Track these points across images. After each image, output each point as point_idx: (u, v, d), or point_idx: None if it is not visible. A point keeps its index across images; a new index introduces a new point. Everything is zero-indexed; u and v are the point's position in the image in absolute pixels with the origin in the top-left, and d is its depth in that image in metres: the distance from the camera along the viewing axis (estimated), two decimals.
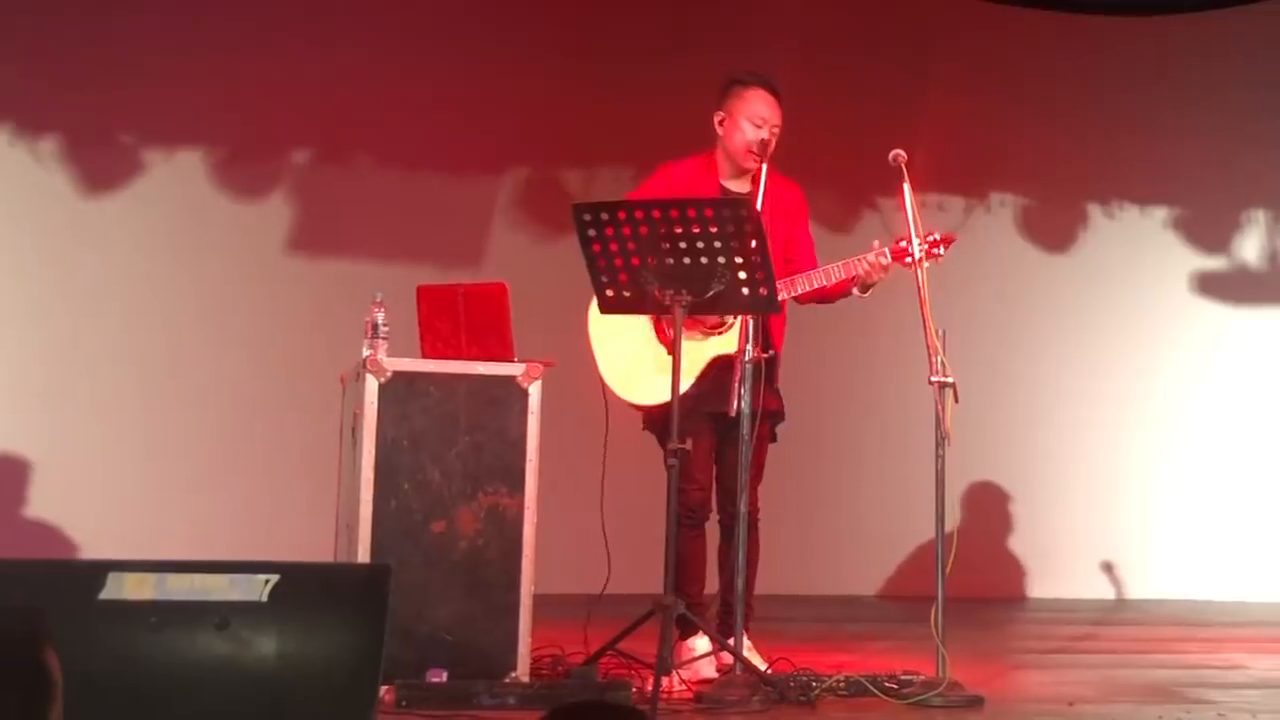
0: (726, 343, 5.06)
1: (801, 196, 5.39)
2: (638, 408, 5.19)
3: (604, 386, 5.18)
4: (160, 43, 7.73)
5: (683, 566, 5.16)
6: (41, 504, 7.51)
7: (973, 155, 8.40)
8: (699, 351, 5.14)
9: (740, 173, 5.27)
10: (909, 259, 4.99)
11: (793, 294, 5.15)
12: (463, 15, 8.07)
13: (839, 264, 5.13)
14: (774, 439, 5.36)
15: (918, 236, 4.97)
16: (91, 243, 7.69)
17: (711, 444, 5.18)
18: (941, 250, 5.08)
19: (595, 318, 5.16)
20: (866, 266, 5.08)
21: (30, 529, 7.43)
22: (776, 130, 5.24)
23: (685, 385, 5.03)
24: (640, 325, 5.18)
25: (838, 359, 7.73)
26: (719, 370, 5.04)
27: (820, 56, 8.17)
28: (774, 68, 6.17)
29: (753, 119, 5.24)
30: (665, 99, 7.77)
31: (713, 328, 5.13)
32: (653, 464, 4.88)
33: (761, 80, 5.31)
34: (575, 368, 5.15)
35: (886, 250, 5.06)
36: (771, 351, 5.07)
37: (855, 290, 5.22)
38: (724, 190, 5.24)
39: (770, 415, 5.26)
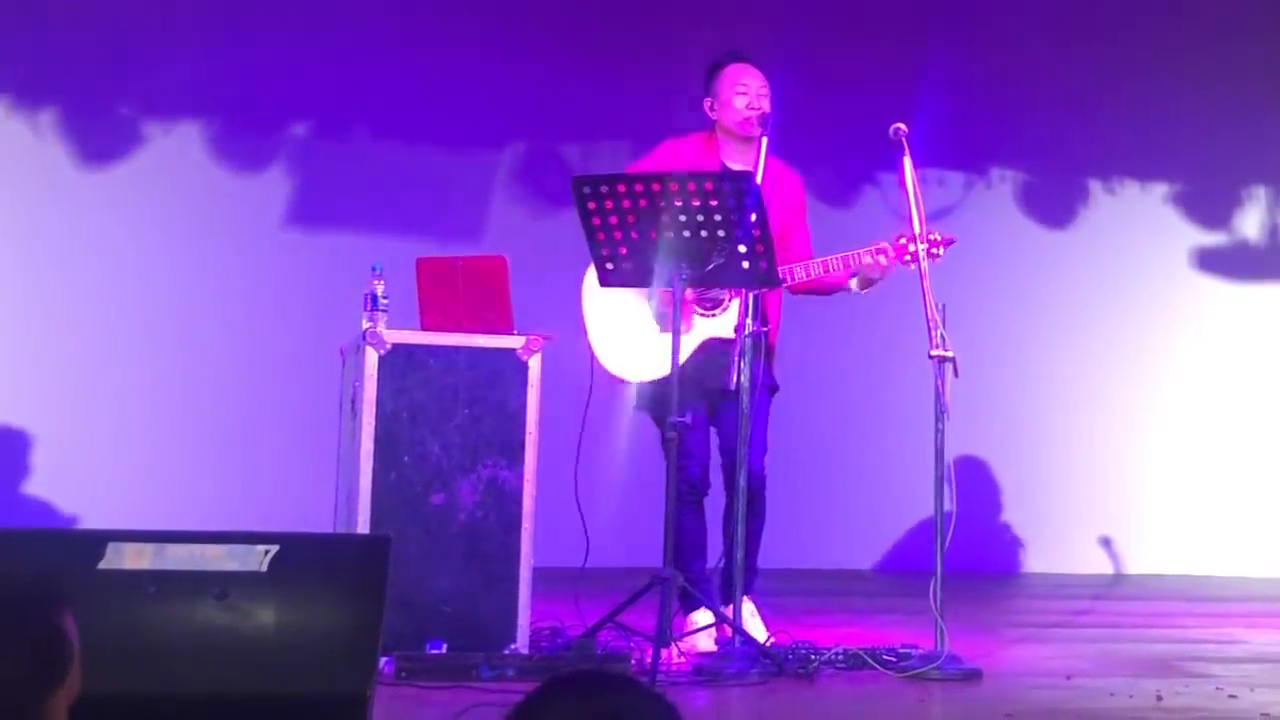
0: (721, 325, 5.06)
1: (801, 186, 5.39)
2: (629, 383, 5.17)
3: (593, 360, 5.19)
4: (159, 15, 7.71)
5: (682, 542, 5.17)
6: (41, 475, 7.51)
7: (973, 130, 8.39)
8: (694, 331, 5.14)
9: (742, 150, 5.25)
10: (908, 257, 4.98)
11: (789, 283, 5.13)
12: None
13: (838, 256, 5.09)
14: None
15: (919, 212, 4.96)
16: (90, 215, 7.68)
17: (707, 419, 5.18)
18: (941, 251, 5.05)
19: (589, 293, 5.16)
20: (868, 261, 5.05)
21: (29, 500, 7.44)
22: (764, 92, 5.25)
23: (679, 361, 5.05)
24: (633, 301, 5.17)
25: (837, 333, 7.72)
26: (710, 349, 5.05)
27: (821, 31, 8.15)
28: (774, 42, 6.18)
29: (735, 89, 5.27)
30: (665, 73, 7.76)
31: (709, 309, 5.13)
32: (641, 439, 4.87)
33: (734, 55, 5.37)
34: (574, 341, 5.15)
35: (890, 248, 5.03)
36: (767, 326, 5.07)
37: (853, 285, 5.19)
38: (725, 168, 5.24)
39: (769, 389, 5.28)
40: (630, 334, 5.15)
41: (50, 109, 7.69)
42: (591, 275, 4.97)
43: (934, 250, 5.03)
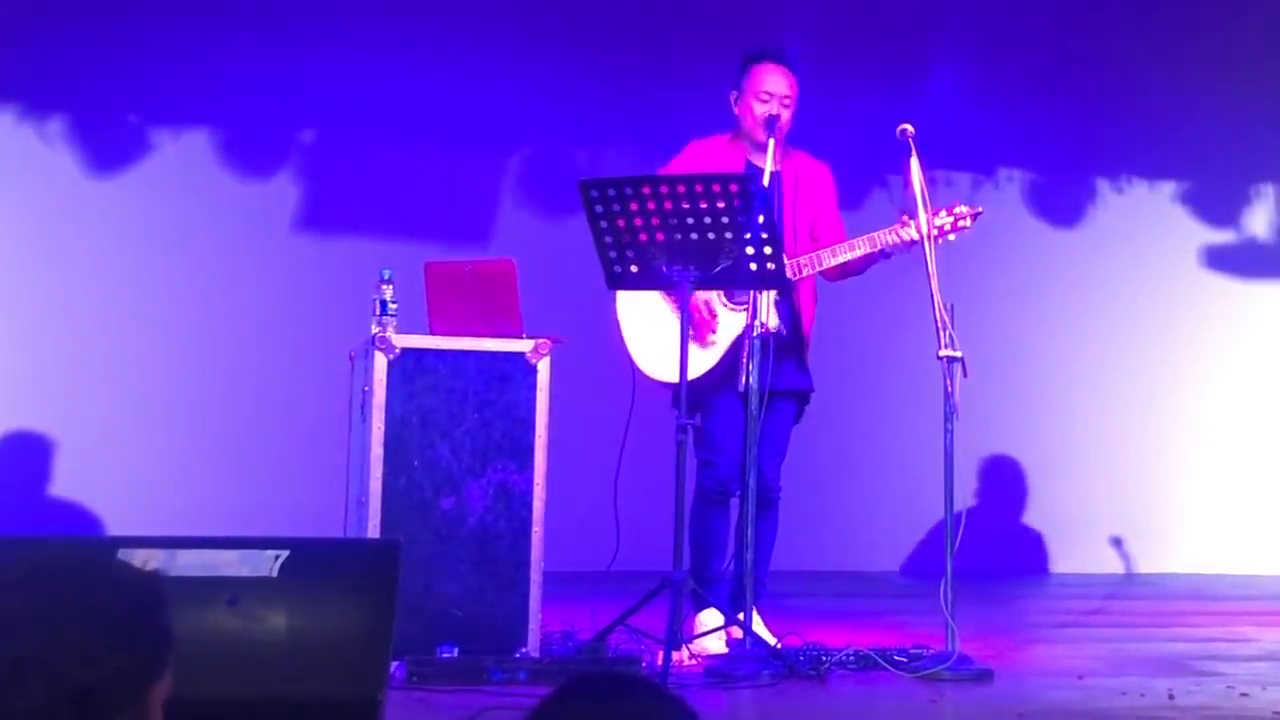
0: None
1: (830, 177, 5.41)
2: (665, 384, 5.16)
3: (631, 362, 5.19)
4: (166, 22, 7.72)
5: (706, 541, 5.19)
6: (51, 482, 7.52)
7: (980, 130, 8.38)
8: (728, 326, 5.14)
9: (764, 148, 5.23)
10: (935, 233, 5.02)
11: (817, 269, 5.15)
12: None
13: (864, 238, 5.14)
14: (797, 419, 5.38)
15: (926, 210, 4.99)
16: (99, 223, 7.69)
17: (741, 419, 5.16)
18: (969, 223, 5.12)
19: (623, 295, 5.16)
20: (896, 240, 5.09)
21: (39, 507, 7.45)
22: (788, 101, 5.25)
23: (715, 359, 5.08)
24: (665, 302, 5.17)
25: (851, 334, 7.71)
26: (741, 346, 5.06)
27: (827, 32, 8.15)
28: (781, 42, 6.17)
29: (759, 95, 5.26)
30: (673, 77, 7.77)
31: (741, 301, 5.12)
32: (667, 440, 4.86)
33: (768, 54, 5.34)
34: (584, 344, 5.15)
35: (914, 225, 5.05)
36: (779, 325, 5.07)
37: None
38: (750, 165, 5.23)
39: (797, 395, 5.28)
40: (664, 335, 5.13)
41: (59, 117, 7.71)
42: None
43: (961, 223, 5.09)
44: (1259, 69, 8.64)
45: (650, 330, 5.20)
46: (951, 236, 5.14)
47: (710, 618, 5.11)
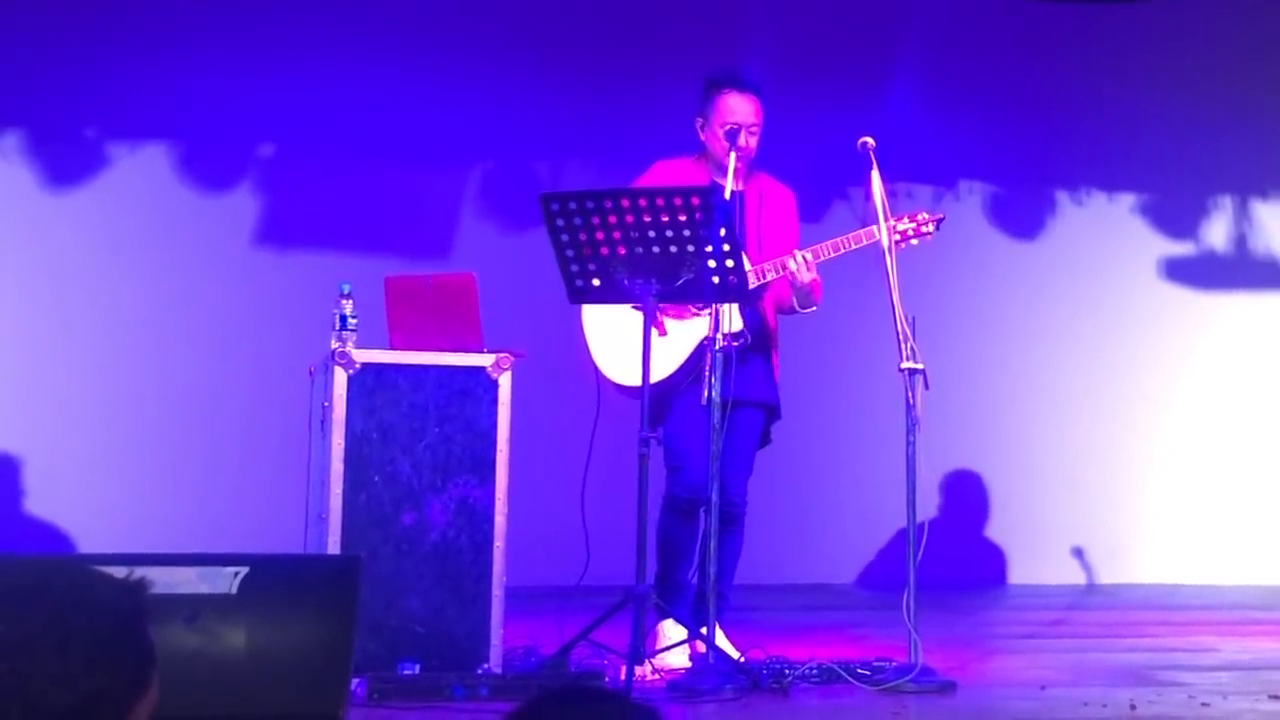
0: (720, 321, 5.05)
1: (793, 201, 5.40)
2: (629, 389, 5.13)
3: (597, 372, 5.18)
4: (123, 36, 7.68)
5: (673, 548, 5.18)
6: (8, 499, 7.45)
7: (941, 143, 8.40)
8: (688, 331, 5.13)
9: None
10: (898, 237, 5.04)
11: (781, 273, 5.16)
12: (430, 5, 8.05)
13: (827, 243, 5.15)
14: (766, 442, 5.37)
15: (887, 222, 5.00)
16: (57, 238, 7.64)
17: (706, 428, 5.12)
18: (932, 228, 5.15)
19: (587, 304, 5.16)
20: (859, 244, 5.11)
21: (4, 525, 7.39)
22: (755, 130, 5.24)
23: (680, 359, 5.08)
24: (629, 309, 5.15)
25: (812, 346, 7.71)
26: (705, 352, 5.04)
27: (789, 45, 8.16)
28: (743, 57, 6.18)
29: (726, 125, 5.23)
30: (634, 90, 7.77)
31: (702, 307, 5.11)
32: (632, 453, 4.85)
33: (732, 81, 5.31)
34: (546, 358, 5.13)
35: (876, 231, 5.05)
36: (745, 335, 5.07)
37: (796, 304, 5.23)
38: (714, 185, 5.22)
39: (764, 407, 5.27)
40: (629, 341, 5.09)
41: (15, 131, 7.65)
42: None
43: (925, 229, 5.11)
44: (1217, 81, 8.69)
45: (615, 333, 5.19)
46: (914, 241, 5.16)
47: (672, 628, 5.10)
